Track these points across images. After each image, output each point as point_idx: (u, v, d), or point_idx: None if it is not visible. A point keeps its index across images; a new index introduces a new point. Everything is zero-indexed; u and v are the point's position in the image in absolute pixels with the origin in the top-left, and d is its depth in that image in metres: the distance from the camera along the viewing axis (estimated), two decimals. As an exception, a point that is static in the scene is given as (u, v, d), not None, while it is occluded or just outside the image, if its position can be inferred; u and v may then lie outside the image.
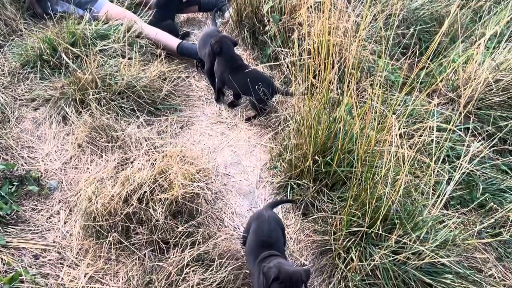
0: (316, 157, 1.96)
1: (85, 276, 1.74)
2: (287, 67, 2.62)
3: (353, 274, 1.73)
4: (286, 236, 1.84)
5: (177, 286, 1.65)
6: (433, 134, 1.80)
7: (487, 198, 2.04)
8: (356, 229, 1.75)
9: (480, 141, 2.39)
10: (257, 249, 1.65)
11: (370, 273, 1.69)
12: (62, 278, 1.73)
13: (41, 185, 2.04)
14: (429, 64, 2.65)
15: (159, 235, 1.79)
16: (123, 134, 2.18)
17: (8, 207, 1.89)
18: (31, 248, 1.80)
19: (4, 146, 2.15)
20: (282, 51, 2.66)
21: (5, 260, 1.73)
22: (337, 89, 2.33)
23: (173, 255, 1.74)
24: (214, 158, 2.26)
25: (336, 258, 1.80)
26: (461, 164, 1.65)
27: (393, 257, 1.67)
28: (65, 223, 1.92)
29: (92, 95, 2.26)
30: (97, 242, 1.82)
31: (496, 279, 1.86)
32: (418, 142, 1.90)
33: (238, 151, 2.32)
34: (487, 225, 1.93)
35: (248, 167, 2.24)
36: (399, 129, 1.78)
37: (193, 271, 1.68)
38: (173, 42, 2.74)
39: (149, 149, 2.13)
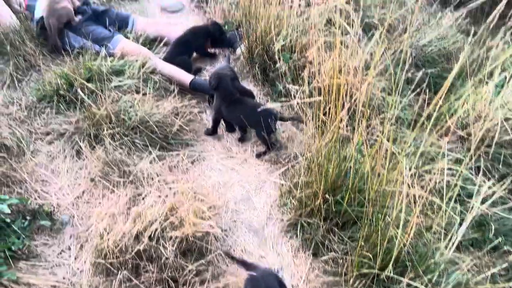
0: (327, 196, 1.96)
1: (93, 314, 1.74)
2: (297, 103, 2.66)
3: (364, 317, 1.70)
4: None
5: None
6: (444, 175, 1.80)
7: (500, 241, 2.02)
8: (367, 271, 1.74)
9: (490, 179, 2.38)
10: None
11: (382, 317, 1.66)
12: (71, 316, 1.73)
13: (53, 219, 2.06)
14: (440, 105, 2.67)
15: (169, 274, 1.79)
16: (135, 169, 2.21)
17: (20, 242, 1.91)
18: (41, 284, 1.81)
19: (18, 180, 2.19)
20: (292, 88, 2.71)
21: (15, 297, 1.73)
22: (347, 126, 2.36)
23: (182, 294, 1.74)
24: (224, 194, 2.28)
25: (347, 301, 1.78)
26: (473, 205, 1.65)
27: (405, 301, 1.64)
28: (75, 259, 1.93)
29: (106, 130, 2.31)
30: (106, 280, 1.81)
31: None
32: (429, 183, 1.90)
33: (248, 186, 2.33)
34: (501, 268, 1.90)
35: (258, 203, 2.25)
36: (410, 169, 1.80)
37: (202, 311, 1.66)
38: (186, 77, 2.80)
39: (160, 185, 2.15)
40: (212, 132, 2.61)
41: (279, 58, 2.76)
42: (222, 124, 2.64)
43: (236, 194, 2.29)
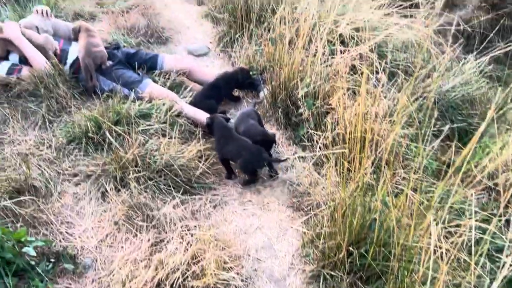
0: (351, 248, 1.93)
1: None
2: (320, 149, 2.66)
3: None
4: None
5: None
6: (472, 231, 1.75)
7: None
8: (393, 330, 1.68)
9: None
10: None
11: None
12: None
13: (76, 263, 2.07)
14: (465, 155, 2.64)
15: (189, 324, 1.76)
16: (158, 213, 2.23)
17: (44, 285, 1.92)
18: (61, 331, 1.80)
19: (45, 221, 2.23)
20: (315, 133, 2.72)
21: None
22: (370, 173, 2.34)
23: None
24: (246, 241, 2.26)
25: None
26: (504, 263, 1.59)
27: None
28: (96, 304, 1.92)
29: (132, 174, 2.35)
30: (126, 328, 1.80)
31: None
32: (457, 238, 1.85)
33: (269, 233, 2.31)
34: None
35: (279, 251, 2.22)
36: (437, 224, 1.76)
37: None
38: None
39: (183, 230, 2.16)
40: (228, 174, 2.64)
41: (302, 104, 2.80)
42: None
43: (257, 241, 2.27)
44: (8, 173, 2.35)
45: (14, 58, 3.08)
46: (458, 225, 2.03)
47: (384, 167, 2.15)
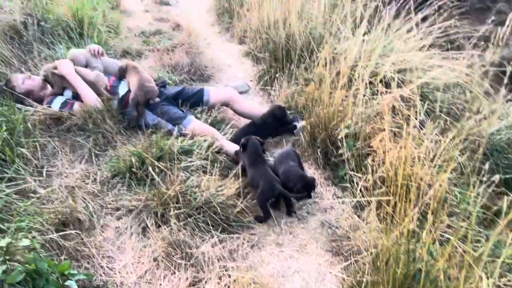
0: (394, 299, 1.85)
1: None
2: (360, 191, 2.62)
3: None
4: None
5: None
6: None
7: None
8: None
9: None
10: None
11: None
12: None
13: (115, 298, 2.09)
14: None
15: None
16: (197, 251, 2.24)
17: (84, 320, 1.95)
18: None
19: (87, 254, 2.28)
20: (355, 175, 2.69)
21: None
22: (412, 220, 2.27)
23: None
24: (283, 284, 2.22)
25: None
26: None
27: None
28: None
29: (173, 210, 2.39)
30: None
31: None
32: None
33: (307, 278, 2.26)
34: None
35: (318, 298, 2.16)
36: (488, 278, 1.67)
37: None
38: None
39: (220, 271, 2.15)
40: (265, 211, 2.59)
41: (342, 144, 2.78)
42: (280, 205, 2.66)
43: (295, 286, 2.21)
44: (55, 205, 2.44)
45: (68, 93, 3.27)
46: (510, 280, 1.93)
47: (429, 214, 2.08)
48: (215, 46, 5.04)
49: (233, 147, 2.97)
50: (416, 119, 2.92)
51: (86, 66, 3.43)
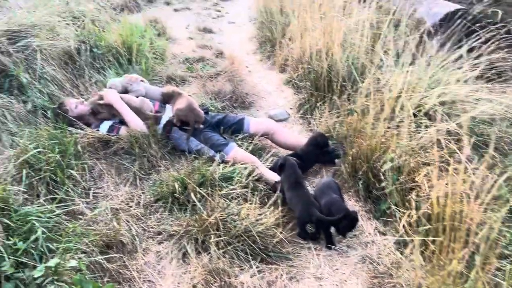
0: None
1: None
2: (403, 227, 2.54)
3: None
4: None
5: None
6: None
7: None
8: None
9: None
10: None
11: None
12: None
13: (154, 324, 2.11)
14: None
15: None
16: (235, 281, 2.23)
17: None
18: None
19: (128, 277, 2.32)
20: (397, 209, 2.62)
21: None
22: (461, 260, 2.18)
23: None
24: (323, 320, 2.17)
25: None
26: None
27: None
28: None
29: (213, 237, 2.41)
30: None
31: None
32: None
33: (348, 315, 2.20)
34: None
35: (359, 337, 2.09)
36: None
37: None
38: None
39: (259, 302, 2.13)
40: (303, 233, 2.64)
41: (385, 178, 2.73)
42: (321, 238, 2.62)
43: (335, 322, 2.16)
44: (100, 227, 2.52)
45: (114, 118, 3.41)
46: None
47: (478, 255, 1.99)
48: (257, 73, 5.13)
49: (273, 176, 2.98)
50: (463, 153, 2.83)
51: (126, 92, 3.57)
